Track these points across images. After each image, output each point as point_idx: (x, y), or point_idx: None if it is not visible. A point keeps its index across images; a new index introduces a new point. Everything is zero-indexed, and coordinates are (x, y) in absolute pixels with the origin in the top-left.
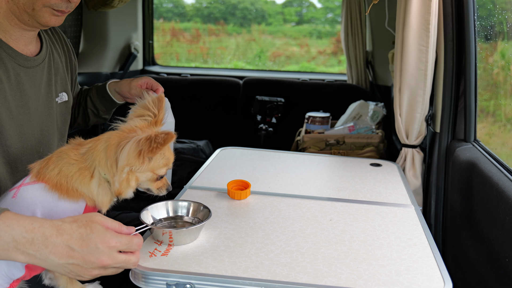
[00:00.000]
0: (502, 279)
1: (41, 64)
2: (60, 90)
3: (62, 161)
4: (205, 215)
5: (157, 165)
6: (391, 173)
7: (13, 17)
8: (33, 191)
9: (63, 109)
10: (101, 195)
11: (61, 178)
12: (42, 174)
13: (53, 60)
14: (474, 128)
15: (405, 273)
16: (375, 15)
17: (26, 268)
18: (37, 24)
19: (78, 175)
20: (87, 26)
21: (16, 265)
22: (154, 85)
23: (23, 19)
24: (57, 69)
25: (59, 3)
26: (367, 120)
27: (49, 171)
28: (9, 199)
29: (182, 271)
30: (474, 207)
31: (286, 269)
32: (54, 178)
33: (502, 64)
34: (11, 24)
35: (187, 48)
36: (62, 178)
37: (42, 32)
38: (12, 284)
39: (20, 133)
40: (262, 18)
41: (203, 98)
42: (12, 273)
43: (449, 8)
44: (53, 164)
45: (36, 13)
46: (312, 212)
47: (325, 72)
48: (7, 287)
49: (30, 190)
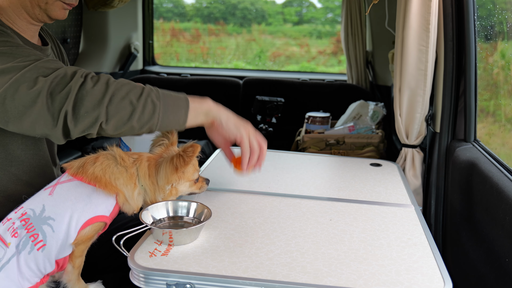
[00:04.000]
0: (502, 279)
1: (50, 57)
2: None
3: (110, 161)
4: (205, 215)
5: (190, 174)
6: (391, 173)
7: (23, 11)
8: (68, 188)
9: None
10: (137, 201)
11: (104, 174)
12: (82, 171)
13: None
14: (474, 128)
15: (405, 273)
16: (375, 15)
17: (56, 263)
18: (46, 18)
19: (125, 176)
20: (87, 26)
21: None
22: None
23: (33, 13)
24: None
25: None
26: (367, 120)
27: (93, 168)
28: (45, 195)
29: (182, 271)
30: (474, 207)
31: (286, 269)
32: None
33: (502, 64)
34: (19, 18)
35: (187, 48)
36: (105, 174)
37: (40, 31)
38: (43, 279)
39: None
40: (262, 18)
41: None
42: (44, 267)
43: (449, 8)
44: (99, 162)
45: (49, 6)
46: (312, 212)
47: (325, 72)
48: (38, 281)
49: (66, 187)
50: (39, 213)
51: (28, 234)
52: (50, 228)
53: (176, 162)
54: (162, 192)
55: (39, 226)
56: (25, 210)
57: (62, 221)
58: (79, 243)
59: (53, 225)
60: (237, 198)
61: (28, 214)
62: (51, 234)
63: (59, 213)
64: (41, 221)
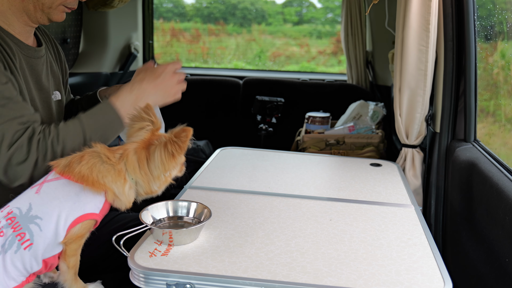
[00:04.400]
0: (502, 279)
1: (42, 58)
2: (54, 89)
3: (95, 159)
4: (205, 215)
5: (182, 158)
6: (391, 173)
7: (24, 14)
8: (56, 187)
9: (57, 107)
10: (129, 196)
11: (91, 173)
12: (69, 170)
13: (48, 58)
14: (474, 128)
15: (405, 273)
16: (375, 15)
17: (43, 262)
18: (46, 21)
19: (113, 173)
20: (87, 26)
21: (36, 258)
22: None
23: (35, 17)
24: (51, 67)
25: (73, 1)
26: (367, 120)
27: (79, 167)
28: (31, 194)
29: (182, 271)
30: (474, 207)
31: (286, 269)
32: (83, 172)
33: (502, 64)
34: (19, 21)
35: (187, 48)
36: (92, 172)
37: (36, 30)
38: (28, 278)
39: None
40: (262, 18)
41: (203, 98)
42: (31, 266)
43: (449, 8)
44: (85, 161)
45: (52, 11)
46: (312, 212)
47: (325, 72)
48: (24, 280)
49: (53, 185)
50: (25, 212)
51: (15, 233)
52: (38, 227)
53: (172, 149)
54: (157, 181)
55: (26, 225)
56: (11, 209)
57: (50, 220)
58: (70, 242)
59: (40, 224)
60: (237, 198)
61: (14, 213)
62: (38, 233)
63: (47, 212)
64: (28, 220)
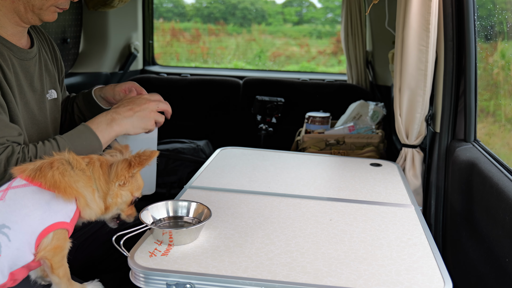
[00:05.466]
0: (502, 279)
1: (34, 58)
2: (49, 87)
3: (65, 166)
4: (205, 215)
5: (134, 187)
6: (391, 173)
7: (15, 15)
8: (24, 194)
9: (52, 105)
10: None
11: (63, 179)
12: (40, 175)
13: (43, 57)
14: (474, 128)
15: (405, 273)
16: (375, 15)
17: (10, 275)
18: (38, 21)
19: (84, 179)
20: (87, 26)
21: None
22: (138, 89)
23: (26, 17)
24: (46, 65)
25: (64, 2)
26: (367, 120)
27: (52, 171)
28: None
29: (182, 271)
30: (474, 207)
31: (286, 269)
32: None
33: (502, 64)
34: (10, 21)
35: (187, 48)
36: (64, 177)
37: (30, 29)
38: None
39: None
40: (262, 18)
41: (203, 98)
42: None
43: (449, 8)
44: (55, 166)
45: (43, 12)
46: (312, 212)
47: (325, 72)
48: None
49: (20, 192)
50: None
51: None
52: (6, 237)
53: (131, 159)
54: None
55: None
56: None
57: (19, 229)
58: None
59: (9, 234)
60: (237, 198)
61: None
62: (6, 243)
63: (15, 221)
64: None
